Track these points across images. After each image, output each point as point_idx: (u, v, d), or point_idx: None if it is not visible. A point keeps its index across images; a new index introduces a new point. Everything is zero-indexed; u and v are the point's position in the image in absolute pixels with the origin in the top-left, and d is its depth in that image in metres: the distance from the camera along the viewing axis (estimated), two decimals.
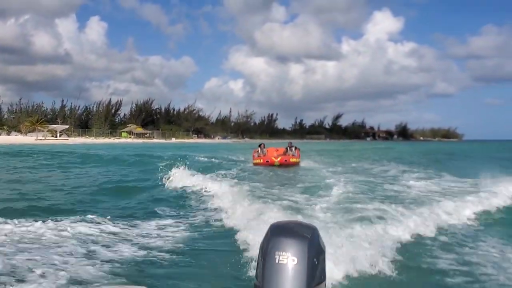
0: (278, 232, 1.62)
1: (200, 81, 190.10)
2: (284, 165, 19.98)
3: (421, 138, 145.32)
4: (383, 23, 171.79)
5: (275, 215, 6.67)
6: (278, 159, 20.35)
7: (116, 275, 4.70)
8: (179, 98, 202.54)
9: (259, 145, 22.44)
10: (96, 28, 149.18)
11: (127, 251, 5.70)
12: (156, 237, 6.56)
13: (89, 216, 7.50)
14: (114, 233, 6.68)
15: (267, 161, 20.37)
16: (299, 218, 6.64)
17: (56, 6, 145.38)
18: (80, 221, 7.13)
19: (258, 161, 20.77)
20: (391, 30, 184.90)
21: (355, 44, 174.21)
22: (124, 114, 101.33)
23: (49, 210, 8.61)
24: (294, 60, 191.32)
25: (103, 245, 5.89)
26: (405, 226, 6.60)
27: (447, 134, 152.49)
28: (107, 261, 5.17)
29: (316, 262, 1.58)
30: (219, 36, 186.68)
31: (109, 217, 7.62)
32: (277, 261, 1.55)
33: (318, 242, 1.64)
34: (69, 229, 6.58)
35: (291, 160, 20.73)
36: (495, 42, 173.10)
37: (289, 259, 1.54)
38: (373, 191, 10.80)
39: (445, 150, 45.22)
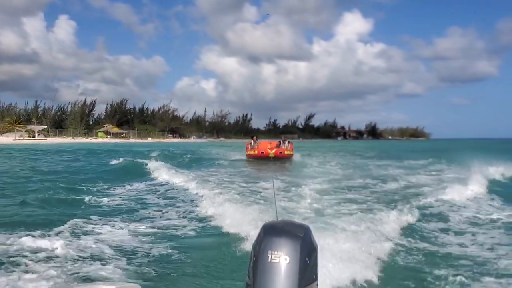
0: (270, 232, 1.65)
1: (171, 81, 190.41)
2: (278, 157, 19.66)
3: (390, 137, 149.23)
4: (353, 24, 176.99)
5: (270, 214, 6.79)
6: (273, 151, 20.04)
7: (107, 274, 4.67)
8: (151, 97, 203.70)
9: (252, 137, 22.31)
10: (64, 27, 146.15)
11: (116, 248, 5.66)
12: (145, 234, 6.59)
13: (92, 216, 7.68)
14: (100, 231, 6.69)
15: (261, 153, 20.05)
16: (292, 218, 6.66)
17: (23, 4, 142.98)
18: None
19: (252, 152, 20.48)
20: (361, 31, 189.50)
21: (326, 45, 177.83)
22: (98, 114, 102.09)
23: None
24: (266, 60, 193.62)
25: (91, 241, 5.91)
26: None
27: (415, 133, 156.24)
28: (96, 259, 5.15)
29: (308, 261, 1.61)
30: (190, 36, 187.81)
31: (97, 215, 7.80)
32: (269, 260, 1.58)
33: (310, 241, 1.68)
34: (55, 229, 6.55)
35: (286, 152, 20.41)
36: (460, 43, 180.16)
37: (281, 258, 1.57)
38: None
39: (405, 147, 48.98)
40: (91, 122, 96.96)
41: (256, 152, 20.20)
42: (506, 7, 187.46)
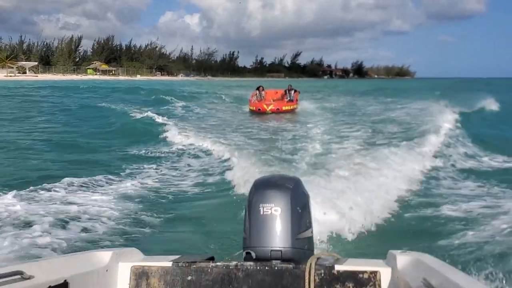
0: (261, 186, 1.77)
1: (155, 15, 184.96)
2: (276, 113, 19.11)
3: (376, 76, 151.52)
4: None
5: (265, 169, 6.92)
6: (270, 107, 19.47)
7: (102, 237, 4.58)
8: (134, 32, 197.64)
9: (257, 88, 21.54)
10: None
11: (110, 209, 5.43)
12: (144, 193, 6.39)
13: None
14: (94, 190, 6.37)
15: (259, 109, 19.64)
16: (285, 171, 6.83)
17: None
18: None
19: (252, 108, 20.13)
20: None
21: None
22: (85, 51, 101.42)
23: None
24: None
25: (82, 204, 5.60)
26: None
27: (401, 72, 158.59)
28: (90, 222, 4.97)
29: (300, 211, 1.71)
30: None
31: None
32: (261, 212, 1.69)
33: (301, 192, 1.79)
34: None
35: (284, 108, 19.73)
36: None
37: (273, 209, 1.68)
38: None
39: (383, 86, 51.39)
40: (77, 59, 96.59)
41: (254, 108, 19.91)
42: None
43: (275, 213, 1.68)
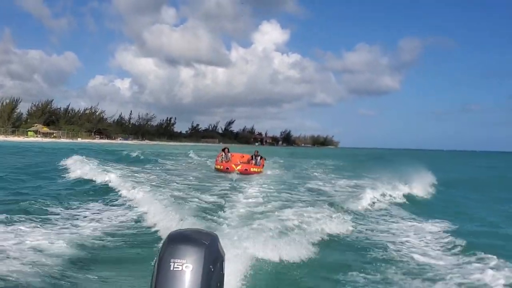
0: (175, 240, 1.68)
1: (84, 79, 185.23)
2: (244, 174, 19.31)
3: (303, 144, 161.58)
4: (271, 34, 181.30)
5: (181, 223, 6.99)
6: (238, 167, 19.94)
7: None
8: (61, 95, 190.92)
9: (223, 150, 21.80)
10: None
11: (24, 253, 5.41)
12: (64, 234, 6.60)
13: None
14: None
15: (227, 168, 20.00)
16: (204, 226, 6.69)
17: None
18: None
19: (219, 167, 20.49)
20: (278, 41, 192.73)
21: (244, 52, 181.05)
22: (22, 113, 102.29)
23: None
24: (184, 64, 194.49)
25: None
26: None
27: (325, 142, 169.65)
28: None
29: (213, 269, 1.64)
30: (106, 34, 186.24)
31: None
32: (171, 268, 1.61)
33: (216, 249, 1.72)
34: None
35: (252, 169, 20.13)
36: (366, 58, 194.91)
37: (184, 266, 1.60)
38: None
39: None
40: (16, 121, 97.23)
41: (222, 167, 20.39)
42: (408, 27, 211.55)
43: (186, 270, 1.61)
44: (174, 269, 1.60)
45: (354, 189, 14.71)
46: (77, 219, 8.19)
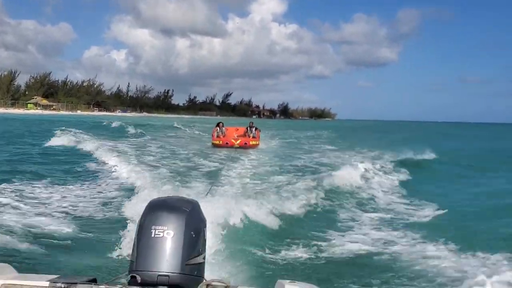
0: (155, 208, 1.68)
1: (79, 50, 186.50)
2: (244, 148, 19.72)
3: (300, 117, 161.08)
4: (269, 4, 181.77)
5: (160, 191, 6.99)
6: (238, 141, 20.21)
7: None
8: (56, 66, 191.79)
9: (217, 124, 21.75)
10: None
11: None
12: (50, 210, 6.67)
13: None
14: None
15: (226, 143, 20.08)
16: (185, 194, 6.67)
17: None
18: None
19: (217, 142, 20.51)
20: (275, 11, 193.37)
21: (241, 22, 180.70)
22: (21, 86, 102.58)
23: None
24: (180, 34, 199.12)
25: None
26: None
27: (323, 114, 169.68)
28: None
29: (194, 235, 1.65)
30: (101, 5, 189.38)
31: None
32: (152, 235, 1.61)
33: (198, 216, 1.73)
34: None
35: (251, 142, 20.57)
36: (364, 29, 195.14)
37: (165, 233, 1.60)
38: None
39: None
40: (15, 93, 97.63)
41: (221, 142, 20.51)
42: None
43: (167, 236, 1.61)
44: (155, 235, 1.62)
45: (337, 161, 15.56)
46: (60, 190, 8.67)
